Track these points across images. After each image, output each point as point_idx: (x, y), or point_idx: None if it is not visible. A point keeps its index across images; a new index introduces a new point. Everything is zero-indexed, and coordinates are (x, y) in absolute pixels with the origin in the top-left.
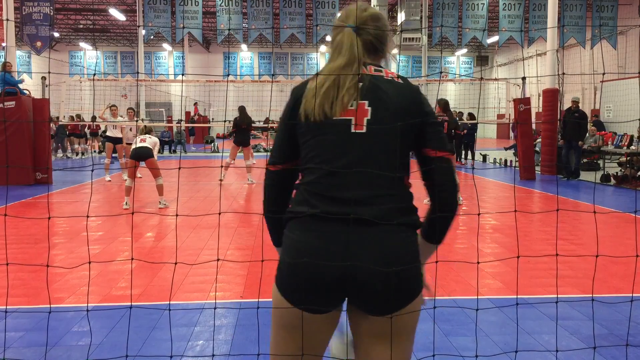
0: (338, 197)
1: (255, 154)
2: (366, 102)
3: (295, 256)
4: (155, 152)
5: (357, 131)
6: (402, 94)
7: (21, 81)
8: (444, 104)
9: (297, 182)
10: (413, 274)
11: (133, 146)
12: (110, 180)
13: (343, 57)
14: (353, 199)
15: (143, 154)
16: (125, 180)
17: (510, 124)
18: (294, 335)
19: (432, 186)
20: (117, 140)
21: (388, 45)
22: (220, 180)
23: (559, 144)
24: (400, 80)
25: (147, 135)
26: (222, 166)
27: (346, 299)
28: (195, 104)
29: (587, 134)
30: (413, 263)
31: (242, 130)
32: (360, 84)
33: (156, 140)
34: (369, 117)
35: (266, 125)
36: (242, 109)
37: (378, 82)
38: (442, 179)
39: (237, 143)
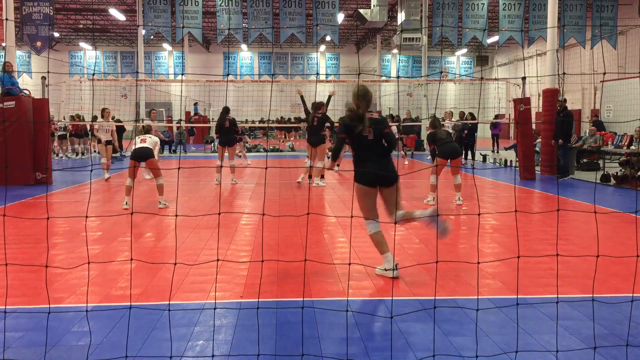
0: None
1: (254, 154)
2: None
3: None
4: (156, 152)
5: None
6: (377, 121)
7: (17, 83)
8: (430, 123)
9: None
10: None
11: (133, 147)
12: (109, 178)
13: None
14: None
15: (144, 155)
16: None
17: (491, 122)
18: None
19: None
20: (108, 142)
21: (370, 102)
22: (217, 183)
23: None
24: (376, 115)
25: (147, 135)
26: (219, 166)
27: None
28: (196, 103)
29: (587, 134)
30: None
31: (225, 130)
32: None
33: (157, 140)
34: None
35: (264, 125)
36: (225, 110)
37: (372, 120)
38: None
39: (220, 144)
